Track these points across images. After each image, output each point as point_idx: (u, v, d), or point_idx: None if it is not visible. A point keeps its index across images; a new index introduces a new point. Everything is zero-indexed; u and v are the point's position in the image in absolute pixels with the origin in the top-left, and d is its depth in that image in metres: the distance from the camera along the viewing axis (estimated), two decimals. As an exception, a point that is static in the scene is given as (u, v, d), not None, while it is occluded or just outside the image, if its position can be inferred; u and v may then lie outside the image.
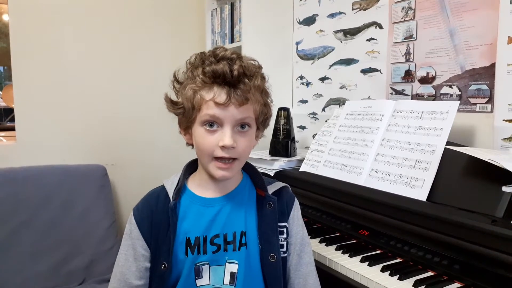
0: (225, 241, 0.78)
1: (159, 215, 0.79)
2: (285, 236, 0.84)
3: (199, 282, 0.77)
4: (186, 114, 0.77)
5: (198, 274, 0.77)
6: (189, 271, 0.77)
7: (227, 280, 0.78)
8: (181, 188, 0.81)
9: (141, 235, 0.79)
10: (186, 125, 0.79)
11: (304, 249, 0.85)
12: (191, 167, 0.86)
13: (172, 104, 0.79)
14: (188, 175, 0.85)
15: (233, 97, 0.72)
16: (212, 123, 0.74)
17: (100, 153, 1.90)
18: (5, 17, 4.26)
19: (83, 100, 1.88)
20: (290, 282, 0.85)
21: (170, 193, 0.79)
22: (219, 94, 0.72)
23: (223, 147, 0.73)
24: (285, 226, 0.84)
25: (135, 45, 2.01)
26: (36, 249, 1.55)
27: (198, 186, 0.82)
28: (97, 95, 1.92)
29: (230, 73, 0.72)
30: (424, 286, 0.83)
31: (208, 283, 0.77)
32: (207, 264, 0.78)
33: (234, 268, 0.78)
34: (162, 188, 0.82)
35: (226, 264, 0.78)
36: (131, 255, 0.79)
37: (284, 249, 0.83)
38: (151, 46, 2.05)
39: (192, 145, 0.81)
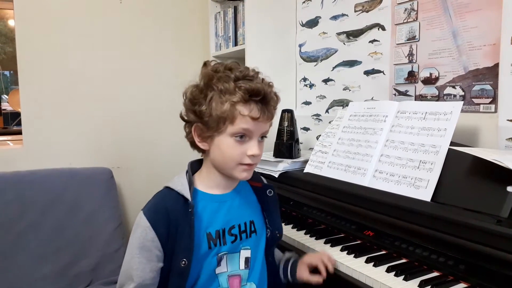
0: (240, 231, 0.88)
1: (175, 215, 0.82)
2: None
3: (218, 270, 0.85)
4: (210, 124, 0.81)
5: (219, 263, 0.85)
6: (211, 262, 0.84)
7: (242, 265, 0.88)
8: (192, 189, 0.85)
9: (156, 237, 0.81)
10: (209, 134, 0.83)
11: None
12: (193, 169, 0.91)
13: (196, 114, 0.83)
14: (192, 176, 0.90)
15: (265, 113, 0.82)
16: (243, 135, 0.82)
17: (106, 156, 1.92)
18: (11, 22, 4.30)
19: (88, 104, 1.90)
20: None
21: (186, 193, 0.83)
22: (255, 110, 0.81)
23: (251, 156, 0.83)
24: None
25: (139, 48, 2.02)
26: (43, 251, 1.56)
27: (207, 186, 0.89)
28: (103, 99, 1.93)
29: (268, 93, 0.83)
30: (429, 287, 0.83)
31: (226, 270, 0.86)
32: (226, 253, 0.86)
33: (247, 253, 0.89)
34: (170, 190, 0.85)
35: (241, 251, 0.88)
36: (145, 257, 0.81)
37: None
38: (156, 49, 2.06)
39: (203, 150, 0.87)
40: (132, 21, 1.99)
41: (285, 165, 1.42)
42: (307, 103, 1.83)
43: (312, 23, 1.77)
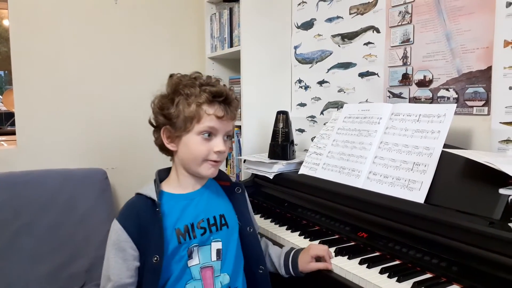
0: (209, 224, 0.93)
1: (144, 217, 0.88)
2: None
3: (190, 263, 0.90)
4: (177, 125, 0.89)
5: (190, 256, 0.90)
6: (182, 255, 0.89)
7: (214, 256, 0.92)
8: (159, 192, 0.92)
9: (129, 237, 0.87)
10: (177, 135, 0.91)
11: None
12: (161, 177, 0.98)
13: (165, 117, 0.91)
14: (159, 183, 0.96)
15: (228, 113, 0.91)
16: (210, 133, 0.90)
17: (101, 157, 1.91)
18: (6, 22, 4.27)
19: (83, 104, 1.89)
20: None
21: (153, 195, 0.90)
22: (219, 110, 0.89)
23: (218, 152, 0.90)
24: None
25: (135, 49, 2.02)
26: (37, 252, 1.55)
27: (176, 188, 0.95)
28: (97, 99, 1.93)
29: (230, 95, 0.92)
30: (422, 288, 0.83)
31: (198, 262, 0.90)
32: (197, 245, 0.91)
33: (219, 245, 0.93)
34: (139, 196, 0.92)
35: (212, 243, 0.93)
36: (121, 257, 0.87)
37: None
38: (151, 50, 2.06)
39: (171, 153, 0.95)
40: (127, 22, 1.99)
41: (280, 166, 1.43)
42: (302, 104, 1.83)
43: (307, 25, 1.77)
